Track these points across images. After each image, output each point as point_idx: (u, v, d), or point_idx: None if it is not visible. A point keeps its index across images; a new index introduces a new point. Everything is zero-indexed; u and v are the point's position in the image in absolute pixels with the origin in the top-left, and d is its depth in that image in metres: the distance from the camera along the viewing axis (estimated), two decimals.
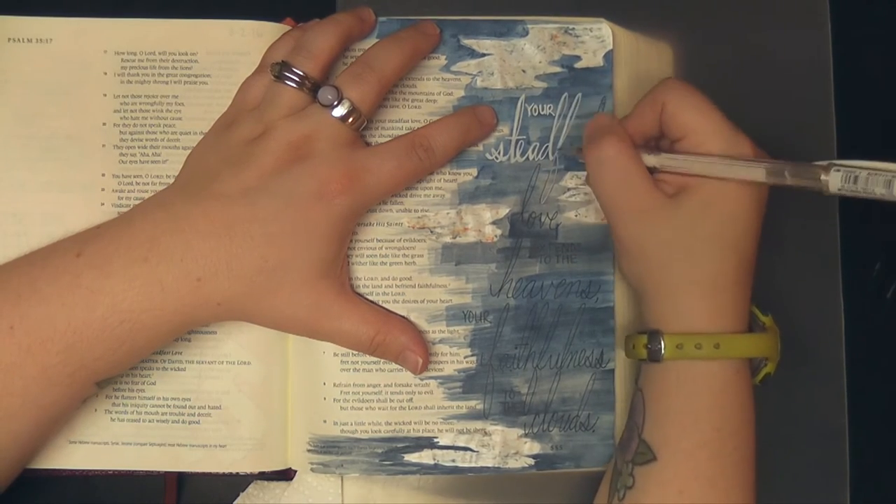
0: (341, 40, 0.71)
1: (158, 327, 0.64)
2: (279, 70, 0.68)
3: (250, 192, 0.65)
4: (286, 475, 0.75)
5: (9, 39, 0.74)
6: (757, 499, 0.67)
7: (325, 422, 0.73)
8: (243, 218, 0.64)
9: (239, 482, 0.75)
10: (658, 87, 0.68)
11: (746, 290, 0.67)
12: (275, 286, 0.66)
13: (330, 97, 0.67)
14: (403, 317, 0.73)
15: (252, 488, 0.75)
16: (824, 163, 0.61)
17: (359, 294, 0.73)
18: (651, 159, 0.67)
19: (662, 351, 0.66)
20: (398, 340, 0.70)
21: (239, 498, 0.75)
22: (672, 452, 0.66)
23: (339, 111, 0.67)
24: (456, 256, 0.74)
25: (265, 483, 0.75)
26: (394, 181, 0.69)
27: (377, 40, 0.73)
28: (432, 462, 0.73)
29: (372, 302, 0.73)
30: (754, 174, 0.63)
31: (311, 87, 0.68)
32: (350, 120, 0.67)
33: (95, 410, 0.73)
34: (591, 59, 0.76)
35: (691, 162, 0.65)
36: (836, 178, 0.58)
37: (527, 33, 0.76)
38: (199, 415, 0.73)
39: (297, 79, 0.68)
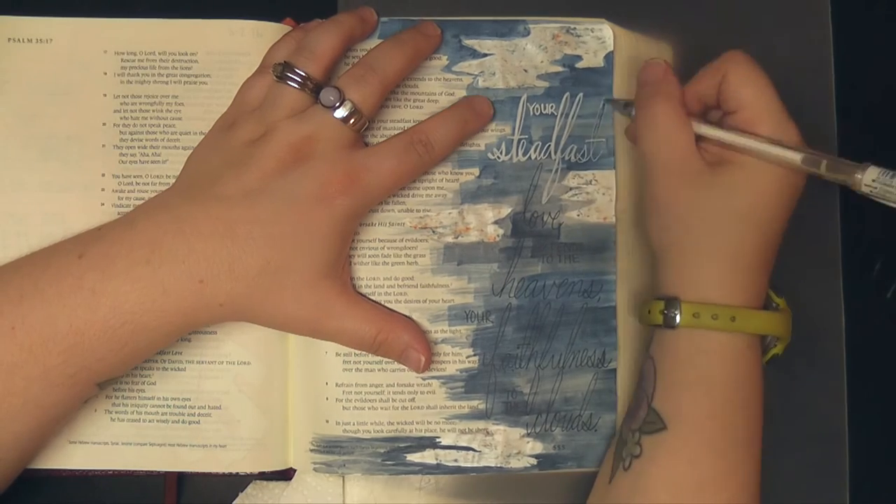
0: (343, 41, 0.71)
1: (160, 328, 0.64)
2: (281, 70, 0.68)
3: (252, 193, 0.65)
4: (285, 475, 0.75)
5: (9, 39, 0.74)
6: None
7: (327, 422, 0.73)
8: (245, 219, 0.64)
9: (239, 482, 0.75)
10: (723, 57, 0.68)
11: (767, 270, 0.68)
12: (277, 287, 0.66)
13: (332, 98, 0.67)
14: (406, 316, 0.73)
15: (251, 488, 0.75)
16: (864, 165, 0.61)
17: (361, 293, 0.73)
18: (698, 127, 0.68)
19: (678, 318, 0.66)
20: (401, 339, 0.70)
21: (238, 498, 0.74)
22: (683, 422, 0.66)
23: (340, 112, 0.67)
24: (458, 256, 0.74)
25: (264, 483, 0.75)
26: (394, 179, 0.69)
27: (379, 41, 0.74)
28: (434, 462, 0.73)
29: (374, 301, 0.73)
30: (791, 158, 0.64)
31: (313, 88, 0.68)
32: (352, 121, 0.67)
33: (95, 410, 0.73)
34: (591, 59, 0.76)
35: (735, 136, 0.66)
36: (874, 172, 0.59)
37: (528, 33, 0.76)
38: (199, 415, 0.73)
39: (298, 80, 0.68)
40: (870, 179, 0.60)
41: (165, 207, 0.66)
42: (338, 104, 0.67)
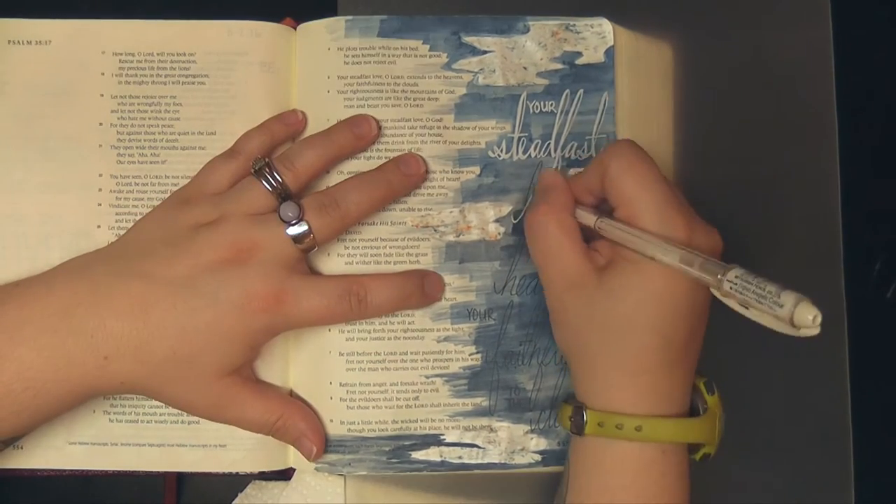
0: (330, 161, 0.72)
1: (63, 396, 0.63)
2: (261, 168, 0.68)
3: (176, 280, 0.65)
4: (285, 475, 0.75)
5: (9, 42, 0.74)
6: None
7: (331, 421, 0.73)
8: (162, 306, 0.64)
9: (239, 482, 0.75)
10: (607, 149, 0.67)
11: (678, 372, 0.65)
12: (179, 377, 0.65)
13: (290, 214, 0.66)
14: (305, 402, 0.73)
15: (251, 488, 0.74)
16: (730, 266, 0.59)
17: (261, 380, 0.73)
18: (589, 218, 0.67)
19: (584, 426, 0.65)
20: (297, 426, 0.70)
21: (238, 498, 0.74)
22: None
23: (293, 230, 0.67)
24: (460, 255, 0.74)
25: (264, 483, 0.75)
26: (318, 318, 0.68)
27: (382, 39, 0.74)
28: (439, 459, 0.73)
29: (274, 386, 0.73)
30: (669, 257, 0.61)
31: (281, 196, 0.68)
32: (302, 242, 0.67)
33: (94, 412, 0.72)
34: (592, 55, 0.76)
35: (621, 231, 0.64)
36: (727, 286, 0.58)
37: (528, 30, 0.76)
38: None
39: (273, 183, 0.68)
40: (732, 277, 0.58)
41: (87, 274, 0.65)
42: (294, 222, 0.67)
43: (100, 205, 0.73)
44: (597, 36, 0.76)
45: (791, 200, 0.77)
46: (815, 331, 0.53)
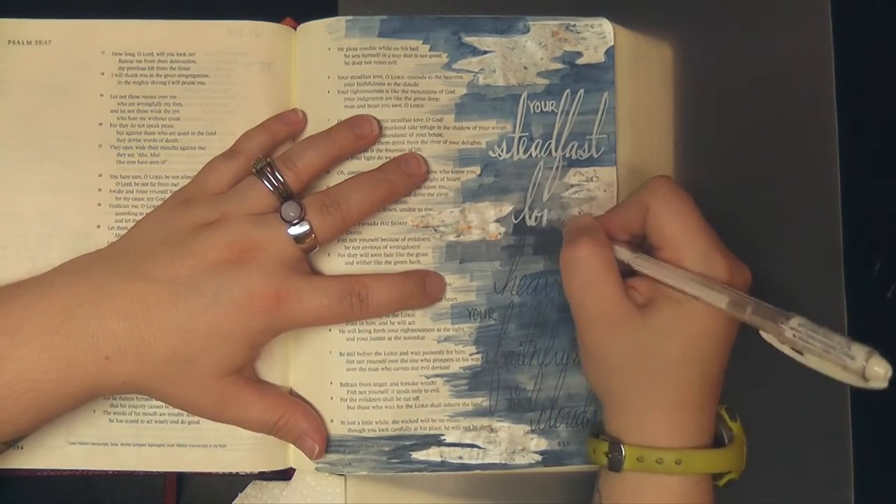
0: (331, 160, 0.72)
1: (64, 397, 0.63)
2: (262, 168, 0.68)
3: (178, 281, 0.64)
4: (285, 475, 0.74)
5: (9, 42, 0.74)
6: None
7: (332, 421, 0.73)
8: (164, 307, 0.64)
9: (239, 482, 0.75)
10: (646, 186, 0.66)
11: (710, 405, 0.66)
12: (181, 377, 0.65)
13: (292, 214, 0.66)
14: (307, 402, 0.73)
15: (251, 488, 0.74)
16: (791, 314, 0.58)
17: (262, 380, 0.73)
18: (625, 254, 0.66)
19: (623, 462, 0.65)
20: (299, 426, 0.71)
21: (238, 498, 0.74)
22: None
23: (295, 230, 0.66)
24: (460, 255, 0.74)
25: (264, 483, 0.75)
26: (319, 318, 0.68)
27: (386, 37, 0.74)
28: (439, 459, 0.73)
29: (276, 385, 0.73)
30: (717, 300, 0.61)
31: (283, 195, 0.68)
32: (304, 242, 0.67)
33: (94, 412, 0.72)
34: (592, 55, 0.76)
35: (662, 268, 0.64)
36: (789, 334, 0.57)
37: (528, 30, 0.76)
38: None
39: (274, 183, 0.68)
40: (796, 324, 0.57)
41: (88, 274, 0.65)
42: (296, 221, 0.67)
43: (100, 205, 0.73)
44: (597, 36, 0.76)
45: (791, 200, 0.77)
46: (885, 384, 0.52)
